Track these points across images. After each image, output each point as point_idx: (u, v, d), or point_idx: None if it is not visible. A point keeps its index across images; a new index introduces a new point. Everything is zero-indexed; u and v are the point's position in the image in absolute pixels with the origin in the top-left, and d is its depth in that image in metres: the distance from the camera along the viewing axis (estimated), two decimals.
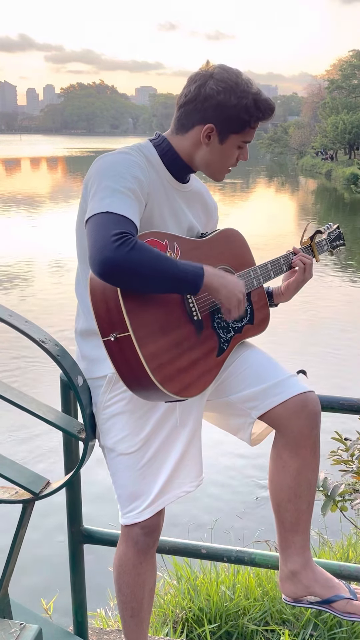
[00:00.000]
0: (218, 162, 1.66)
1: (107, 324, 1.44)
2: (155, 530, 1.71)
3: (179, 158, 1.65)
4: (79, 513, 2.00)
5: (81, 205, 1.61)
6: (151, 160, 1.62)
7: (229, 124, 1.60)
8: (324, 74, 70.87)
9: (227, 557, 1.99)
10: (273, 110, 1.64)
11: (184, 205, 1.69)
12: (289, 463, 1.67)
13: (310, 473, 1.69)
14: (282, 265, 1.87)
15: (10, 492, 1.76)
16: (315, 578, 1.71)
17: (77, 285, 1.71)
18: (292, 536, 1.71)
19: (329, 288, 11.26)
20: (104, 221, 1.40)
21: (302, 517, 1.70)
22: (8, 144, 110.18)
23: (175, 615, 2.40)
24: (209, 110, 1.59)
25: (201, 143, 1.63)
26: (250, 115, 1.59)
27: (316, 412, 1.66)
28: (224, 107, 1.58)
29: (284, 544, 1.73)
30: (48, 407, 1.67)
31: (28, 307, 9.43)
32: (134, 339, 1.41)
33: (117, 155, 1.57)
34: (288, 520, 1.70)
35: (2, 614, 1.74)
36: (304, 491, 1.68)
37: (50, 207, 22.49)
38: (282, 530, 1.73)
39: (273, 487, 1.71)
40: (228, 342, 1.69)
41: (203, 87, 1.58)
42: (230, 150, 1.64)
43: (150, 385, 1.45)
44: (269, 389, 1.67)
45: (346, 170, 38.30)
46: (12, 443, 5.30)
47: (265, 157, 69.83)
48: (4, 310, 1.55)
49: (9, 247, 14.31)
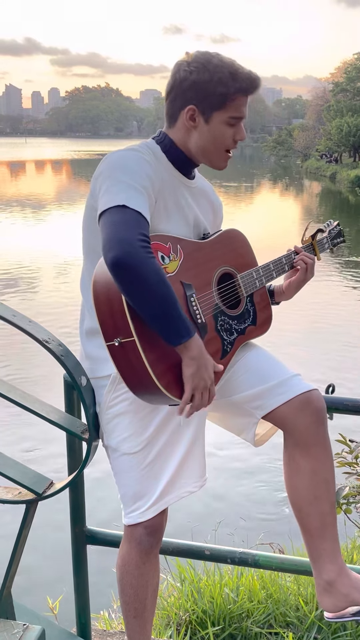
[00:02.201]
0: (211, 145, 1.62)
1: (111, 328, 1.43)
2: (159, 530, 1.71)
3: (179, 151, 1.65)
4: (82, 513, 2.00)
5: (88, 202, 1.60)
6: (158, 157, 1.62)
7: (209, 101, 1.58)
8: (329, 77, 70.87)
9: (230, 559, 1.98)
10: (253, 79, 1.60)
11: (192, 200, 1.68)
12: (302, 464, 1.65)
13: (326, 472, 1.65)
14: (284, 264, 1.87)
15: (14, 493, 1.75)
16: (352, 584, 1.65)
17: (82, 284, 1.71)
18: (320, 543, 1.66)
19: (331, 288, 11.25)
20: (124, 215, 1.38)
21: (326, 521, 1.65)
22: (13, 147, 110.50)
23: (179, 617, 2.39)
24: (187, 92, 1.59)
25: (189, 128, 1.62)
26: (228, 87, 1.57)
27: (321, 408, 1.65)
28: (199, 85, 1.57)
29: (315, 553, 1.67)
30: (51, 407, 1.67)
31: (33, 308, 9.45)
32: (139, 345, 1.40)
33: (128, 152, 1.57)
34: (313, 525, 1.65)
35: (5, 614, 1.74)
36: (323, 492, 1.64)
37: (55, 210, 22.54)
38: (309, 538, 1.67)
39: (291, 492, 1.68)
40: (232, 345, 1.69)
41: (178, 73, 1.60)
42: (220, 130, 1.60)
43: (155, 390, 1.44)
44: (272, 388, 1.67)
45: (351, 173, 38.26)
46: (16, 443, 5.30)
47: (269, 159, 69.84)
48: (7, 311, 1.55)
49: (15, 249, 14.34)
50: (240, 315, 1.73)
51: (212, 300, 1.62)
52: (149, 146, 1.64)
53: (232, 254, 1.76)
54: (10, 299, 9.96)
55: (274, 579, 2.57)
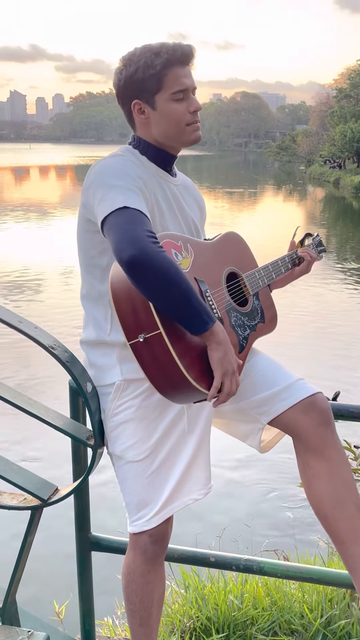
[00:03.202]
0: (170, 127, 1.61)
1: (134, 325, 1.43)
2: (164, 538, 1.70)
3: (154, 148, 1.65)
4: (87, 520, 2.00)
5: (81, 214, 1.61)
6: (140, 159, 1.63)
7: (145, 88, 1.58)
8: (332, 83, 71.01)
9: (235, 566, 1.98)
10: (178, 47, 1.58)
11: (180, 197, 1.70)
12: (317, 468, 1.62)
13: (343, 472, 1.62)
14: (281, 267, 1.92)
15: (19, 499, 1.75)
16: None
17: (82, 297, 1.71)
18: (355, 549, 1.58)
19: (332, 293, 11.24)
20: (128, 215, 1.39)
21: (356, 524, 1.59)
22: (17, 152, 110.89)
23: (183, 625, 2.39)
24: (126, 91, 1.61)
25: (144, 122, 1.62)
26: (154, 66, 1.56)
27: (326, 409, 1.64)
28: (131, 78, 1.59)
29: (352, 561, 1.59)
30: (57, 414, 1.67)
31: (38, 314, 9.46)
32: (166, 337, 1.40)
33: (114, 158, 1.58)
34: (342, 531, 1.59)
35: (10, 621, 1.74)
36: (344, 493, 1.60)
37: (60, 215, 22.60)
38: (341, 546, 1.60)
39: (313, 499, 1.63)
40: (246, 340, 1.70)
41: (114, 79, 1.63)
42: (169, 109, 1.59)
43: (183, 384, 1.43)
44: (277, 394, 1.67)
45: (354, 179, 38.27)
46: (21, 449, 5.29)
47: (273, 165, 69.95)
48: (13, 317, 1.55)
49: (20, 255, 14.37)
50: (250, 312, 1.75)
51: (223, 297, 1.64)
52: (130, 150, 1.65)
53: (235, 255, 1.79)
54: (15, 305, 9.98)
55: (278, 586, 2.56)
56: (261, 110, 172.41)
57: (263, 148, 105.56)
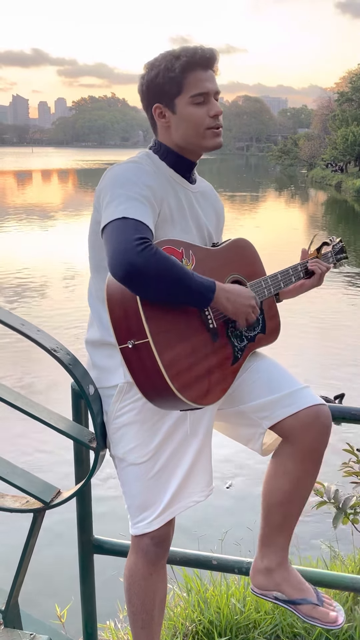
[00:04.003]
0: (190, 130, 1.62)
1: (124, 330, 1.44)
2: (165, 540, 1.71)
3: (174, 153, 1.66)
4: (89, 523, 1.99)
5: (93, 216, 1.62)
6: (157, 165, 1.64)
7: (165, 91, 1.60)
8: (334, 87, 71.05)
9: (237, 569, 1.97)
10: (200, 50, 1.59)
11: (196, 204, 1.70)
12: (291, 470, 1.67)
13: (309, 483, 1.70)
14: (291, 276, 1.89)
15: (21, 502, 1.76)
16: (287, 578, 1.74)
17: (89, 295, 1.72)
18: (275, 536, 1.73)
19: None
20: (123, 226, 1.41)
21: (289, 521, 1.72)
22: (20, 156, 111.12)
23: (185, 628, 2.38)
24: (148, 95, 1.64)
25: (165, 126, 1.64)
26: (174, 69, 1.58)
27: (327, 425, 1.65)
28: (152, 82, 1.61)
29: (266, 541, 1.75)
30: (59, 416, 1.68)
31: (41, 317, 9.47)
32: (153, 346, 1.41)
33: (127, 164, 1.59)
34: (275, 521, 1.72)
35: (12, 624, 1.74)
36: (298, 498, 1.69)
37: (62, 218, 22.64)
38: (266, 528, 1.74)
39: (267, 490, 1.72)
40: (242, 351, 1.69)
41: (138, 84, 1.65)
42: (189, 113, 1.60)
43: (168, 393, 1.44)
44: (281, 399, 1.67)
45: (356, 182, 38.27)
46: (23, 452, 5.30)
47: (275, 168, 70.01)
48: (16, 319, 1.56)
49: (22, 258, 14.40)
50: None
51: None
52: (148, 155, 1.66)
53: (241, 263, 1.77)
54: (18, 307, 9.99)
55: None
56: (263, 113, 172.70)
57: (265, 151, 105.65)
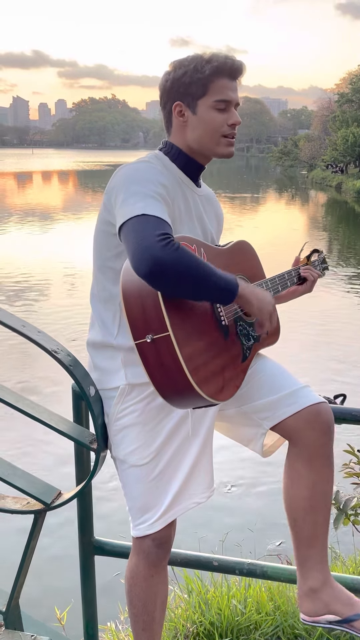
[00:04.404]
0: (206, 134, 1.62)
1: (142, 324, 1.43)
2: (167, 542, 1.70)
3: (185, 156, 1.66)
4: (90, 524, 1.99)
5: (102, 215, 1.61)
6: (168, 167, 1.64)
7: (190, 91, 1.60)
8: (334, 88, 71.12)
9: (239, 570, 1.97)
10: (231, 59, 1.60)
11: (201, 207, 1.71)
12: (304, 475, 1.65)
13: (326, 485, 1.66)
14: (287, 280, 1.93)
15: (22, 503, 1.76)
16: (335, 595, 1.67)
17: (92, 296, 1.71)
18: (309, 550, 1.67)
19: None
20: (144, 223, 1.40)
21: (319, 531, 1.67)
22: (20, 158, 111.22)
23: (186, 629, 2.38)
24: (170, 92, 1.63)
25: (182, 125, 1.64)
26: (203, 72, 1.58)
27: (329, 423, 1.65)
28: (178, 81, 1.61)
29: (302, 559, 1.69)
30: (60, 417, 1.68)
31: (41, 319, 9.47)
32: (174, 339, 1.40)
33: (140, 163, 1.59)
34: (305, 534, 1.67)
35: (13, 625, 1.74)
36: (320, 503, 1.65)
37: (63, 220, 22.65)
38: (299, 544, 1.69)
39: (288, 500, 1.68)
40: (250, 350, 1.70)
41: (161, 80, 1.64)
42: (209, 116, 1.61)
43: (187, 388, 1.43)
44: (281, 399, 1.67)
45: (356, 183, 38.29)
46: (24, 453, 5.29)
47: (275, 170, 70.06)
48: (17, 321, 1.56)
49: (23, 259, 14.40)
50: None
51: (232, 305, 1.64)
52: (158, 157, 1.66)
53: (245, 264, 1.79)
54: (19, 309, 9.99)
55: (282, 591, 2.56)
56: (263, 115, 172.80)
57: (265, 153, 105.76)
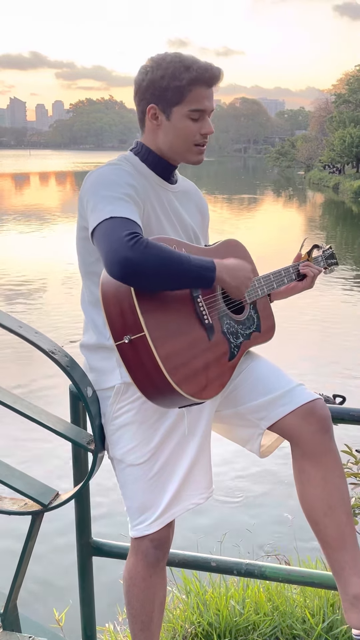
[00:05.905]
0: (178, 140, 1.62)
1: (120, 326, 1.44)
2: (165, 542, 1.70)
3: (156, 156, 1.66)
4: (87, 525, 1.99)
5: (79, 222, 1.62)
6: (138, 167, 1.64)
7: (166, 97, 1.59)
8: (331, 89, 71.19)
9: (237, 570, 1.97)
10: (209, 69, 1.59)
11: (178, 204, 1.70)
12: (312, 473, 1.63)
13: (337, 479, 1.63)
14: (284, 277, 1.91)
15: (20, 504, 1.76)
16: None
17: (82, 301, 1.72)
18: (342, 555, 1.61)
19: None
20: (112, 225, 1.41)
21: (345, 531, 1.61)
22: (17, 159, 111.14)
23: (185, 630, 2.38)
24: (146, 93, 1.61)
25: (154, 128, 1.63)
26: (181, 80, 1.57)
27: (325, 416, 1.65)
28: (155, 83, 1.59)
29: (337, 566, 1.63)
30: (57, 418, 1.68)
31: (38, 319, 9.47)
32: (150, 340, 1.41)
33: (107, 167, 1.59)
34: (331, 537, 1.62)
35: (11, 626, 1.73)
36: (337, 500, 1.62)
37: (60, 221, 22.64)
38: (329, 551, 1.63)
39: (305, 504, 1.65)
40: (238, 348, 1.69)
41: (137, 77, 1.63)
42: (182, 124, 1.60)
43: (166, 388, 1.44)
44: (277, 399, 1.67)
45: (354, 184, 38.34)
46: (21, 454, 5.29)
47: (273, 170, 70.11)
48: (14, 322, 1.56)
49: (20, 260, 14.40)
50: (244, 321, 1.75)
51: (217, 303, 1.64)
52: (127, 158, 1.66)
53: None
54: (16, 310, 9.98)
55: (280, 591, 2.55)
56: (260, 115, 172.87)
57: (262, 153, 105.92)
